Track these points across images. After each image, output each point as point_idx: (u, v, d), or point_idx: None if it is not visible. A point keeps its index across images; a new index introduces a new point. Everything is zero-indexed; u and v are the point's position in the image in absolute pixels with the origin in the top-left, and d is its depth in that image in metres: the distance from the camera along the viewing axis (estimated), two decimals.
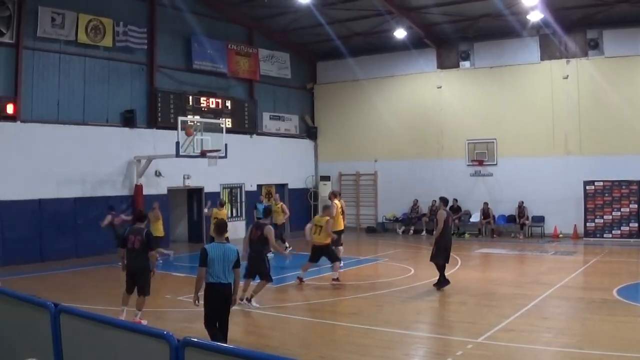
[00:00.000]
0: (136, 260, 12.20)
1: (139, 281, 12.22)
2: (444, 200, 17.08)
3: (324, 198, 32.58)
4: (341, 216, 19.45)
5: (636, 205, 25.56)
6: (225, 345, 5.20)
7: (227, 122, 26.38)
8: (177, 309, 13.83)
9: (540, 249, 23.86)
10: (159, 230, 20.58)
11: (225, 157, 24.00)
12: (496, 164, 28.89)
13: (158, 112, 25.90)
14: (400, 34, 27.90)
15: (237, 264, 9.85)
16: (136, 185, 24.64)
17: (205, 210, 24.05)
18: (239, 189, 29.79)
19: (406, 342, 11.31)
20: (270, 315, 13.56)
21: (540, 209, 27.62)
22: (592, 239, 26.03)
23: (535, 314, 12.80)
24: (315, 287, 16.92)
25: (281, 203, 23.06)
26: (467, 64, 29.91)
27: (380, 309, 14.12)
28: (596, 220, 26.36)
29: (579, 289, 15.97)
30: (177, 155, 22.76)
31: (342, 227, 19.49)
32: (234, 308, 13.93)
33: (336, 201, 19.44)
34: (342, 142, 33.42)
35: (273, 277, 14.81)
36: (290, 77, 32.92)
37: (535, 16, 24.93)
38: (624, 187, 25.84)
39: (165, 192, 26.10)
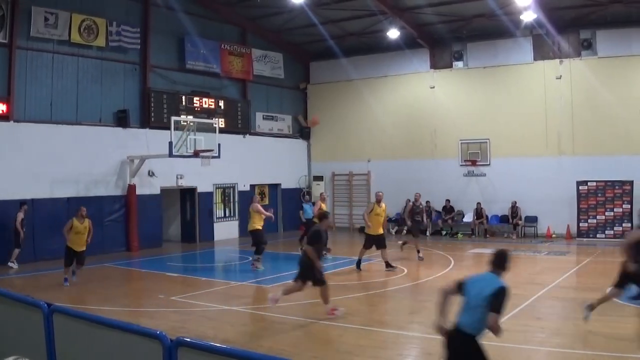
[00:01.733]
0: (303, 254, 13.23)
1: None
2: None
3: (317, 198, 32.67)
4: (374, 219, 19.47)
5: (629, 206, 25.60)
6: (218, 345, 5.19)
7: (220, 122, 26.37)
8: (171, 309, 13.82)
9: (534, 249, 23.89)
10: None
11: (219, 157, 24.01)
12: (489, 164, 28.94)
13: (151, 112, 25.85)
14: (393, 34, 27.88)
15: (493, 305, 7.02)
16: (129, 185, 24.59)
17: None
18: (232, 189, 29.75)
19: (400, 342, 11.32)
20: (263, 315, 13.55)
21: (533, 209, 27.67)
22: (585, 239, 26.08)
23: (529, 314, 12.81)
24: (308, 287, 16.88)
25: None
26: (460, 64, 29.96)
27: (374, 309, 14.13)
28: (589, 221, 26.41)
29: (572, 289, 16.00)
30: (170, 155, 22.75)
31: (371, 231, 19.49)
32: (227, 308, 13.99)
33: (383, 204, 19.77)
34: (335, 142, 33.44)
35: (264, 278, 14.75)
36: (284, 77, 32.91)
37: (528, 16, 24.94)
38: (617, 187, 25.89)
39: (158, 192, 26.06)
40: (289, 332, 12.05)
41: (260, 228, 19.80)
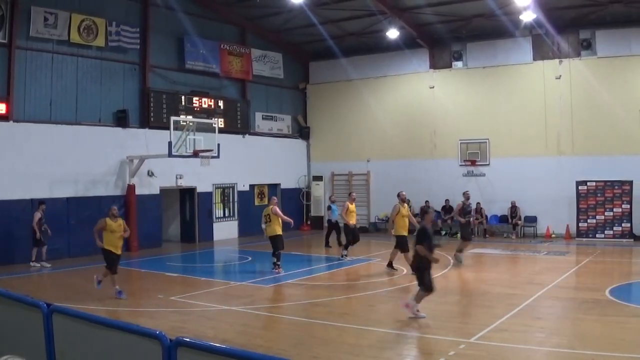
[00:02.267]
0: (414, 256, 12.95)
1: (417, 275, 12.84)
2: None
3: (317, 198, 32.72)
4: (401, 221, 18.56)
5: (628, 206, 25.61)
6: (217, 345, 5.19)
7: (219, 122, 26.35)
8: (170, 309, 13.81)
9: (533, 249, 23.90)
10: None
11: (218, 157, 24.01)
12: (489, 164, 28.95)
13: (150, 112, 25.85)
14: (393, 34, 27.87)
15: None
16: (129, 185, 24.58)
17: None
18: (231, 189, 29.76)
19: (399, 342, 11.31)
20: (262, 315, 13.56)
21: (532, 209, 27.69)
22: (584, 239, 26.08)
23: (528, 314, 12.82)
24: (307, 287, 16.92)
25: None
26: (459, 64, 29.98)
27: (373, 309, 14.13)
28: (588, 221, 26.41)
29: (571, 289, 15.99)
30: (170, 155, 22.76)
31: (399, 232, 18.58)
32: (227, 308, 13.99)
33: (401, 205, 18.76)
34: (335, 142, 33.45)
35: (263, 278, 14.70)
36: (283, 77, 32.92)
37: (528, 16, 24.94)
38: (616, 187, 25.89)
39: (157, 191, 26.05)
40: (289, 332, 12.06)
41: (281, 233, 18.95)
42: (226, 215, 29.50)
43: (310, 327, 12.20)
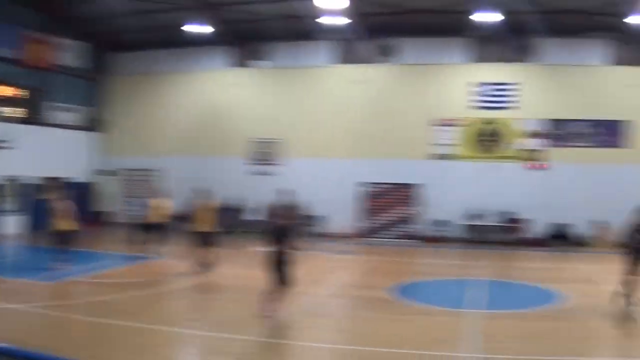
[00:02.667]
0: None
1: None
2: None
3: (108, 193, 31.84)
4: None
5: (412, 208, 27.15)
6: None
7: (13, 111, 24.99)
8: None
9: (320, 248, 24.43)
10: None
11: (11, 147, 22.80)
12: (280, 164, 29.72)
13: None
14: (199, 29, 27.68)
15: None
16: None
17: None
18: (18, 182, 28.13)
19: (182, 340, 11.23)
20: (42, 313, 12.99)
21: (321, 208, 28.46)
22: (370, 239, 27.40)
23: (312, 311, 13.23)
24: (94, 284, 16.47)
25: None
26: (263, 63, 30.57)
27: (155, 307, 13.99)
28: (374, 221, 27.83)
29: (355, 288, 16.70)
30: None
31: None
32: (7, 306, 13.32)
33: None
34: (132, 137, 32.66)
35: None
36: (84, 67, 31.78)
37: (334, 20, 25.54)
38: (401, 190, 27.45)
39: None
40: (68, 332, 11.63)
41: (69, 228, 18.18)
42: (10, 209, 27.86)
43: (91, 327, 11.85)
